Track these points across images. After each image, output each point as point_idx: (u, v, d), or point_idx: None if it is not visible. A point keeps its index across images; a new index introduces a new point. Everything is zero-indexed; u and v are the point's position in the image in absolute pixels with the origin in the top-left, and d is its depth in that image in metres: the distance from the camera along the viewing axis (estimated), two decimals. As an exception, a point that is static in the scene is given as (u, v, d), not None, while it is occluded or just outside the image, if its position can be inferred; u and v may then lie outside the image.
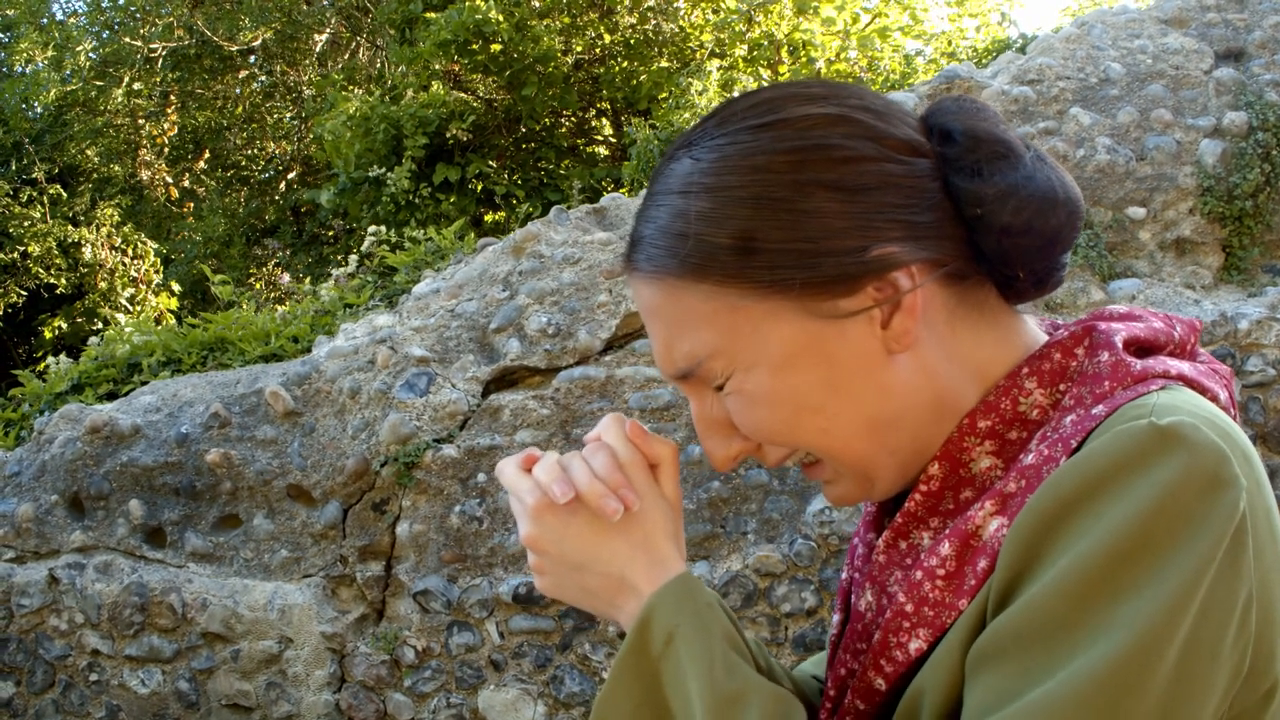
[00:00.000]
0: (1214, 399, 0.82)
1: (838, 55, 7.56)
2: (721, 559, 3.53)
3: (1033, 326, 0.91)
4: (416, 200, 7.33)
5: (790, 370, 0.83)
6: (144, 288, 11.40)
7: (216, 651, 3.65)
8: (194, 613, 3.63)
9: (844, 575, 0.98)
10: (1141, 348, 0.86)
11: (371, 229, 4.98)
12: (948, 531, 0.81)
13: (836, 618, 0.97)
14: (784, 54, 7.67)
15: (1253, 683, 0.72)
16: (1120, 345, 0.83)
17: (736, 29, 7.94)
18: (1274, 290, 3.92)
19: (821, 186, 0.80)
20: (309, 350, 4.26)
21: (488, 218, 8.05)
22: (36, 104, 11.74)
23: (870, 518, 0.98)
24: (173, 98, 11.94)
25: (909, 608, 0.81)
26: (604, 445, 0.92)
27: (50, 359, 5.04)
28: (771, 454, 0.90)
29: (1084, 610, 0.69)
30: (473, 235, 4.99)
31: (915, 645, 0.81)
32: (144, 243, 11.48)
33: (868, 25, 7.79)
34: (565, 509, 0.89)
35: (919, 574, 0.81)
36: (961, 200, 0.83)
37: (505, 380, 3.72)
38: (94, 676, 3.71)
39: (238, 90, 12.11)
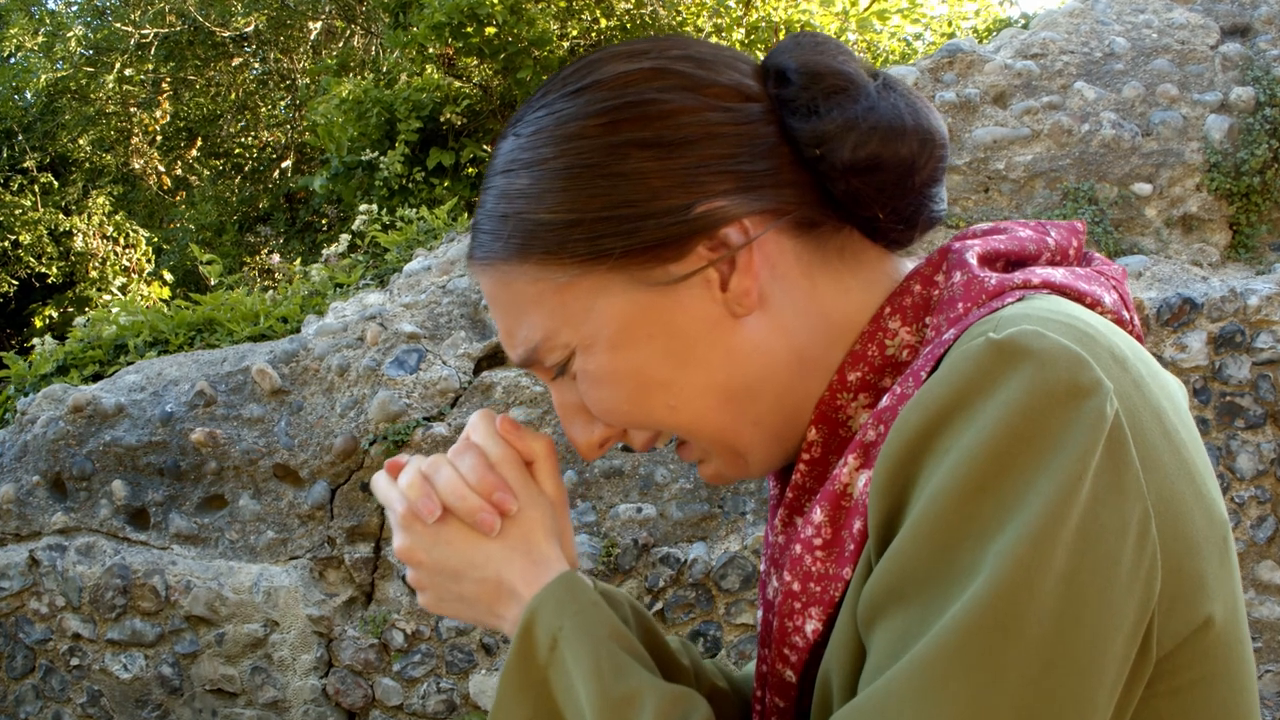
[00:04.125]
0: (1094, 304, 0.74)
1: (837, 37, 7.48)
2: (719, 540, 3.45)
3: (905, 265, 0.84)
4: (410, 185, 7.23)
5: (627, 346, 0.77)
6: (136, 277, 11.31)
7: (200, 635, 3.56)
8: (177, 595, 3.54)
9: (763, 566, 0.90)
10: (1010, 262, 0.79)
11: (363, 207, 4.89)
12: (818, 496, 0.75)
13: (759, 613, 0.90)
14: (782, 37, 7.59)
15: (1181, 615, 0.64)
16: (975, 262, 0.76)
17: (734, 14, 7.85)
18: (1283, 267, 3.84)
19: (636, 146, 0.74)
20: (299, 331, 4.17)
21: (482, 203, 7.95)
22: (28, 92, 11.64)
23: (774, 499, 0.91)
24: (165, 85, 11.84)
25: (796, 586, 0.75)
26: (473, 445, 0.86)
27: (36, 340, 4.95)
28: (636, 437, 0.84)
29: (947, 555, 0.62)
30: (466, 216, 4.91)
31: (811, 627, 0.74)
32: (136, 231, 11.40)
33: (867, 8, 7.70)
34: None
35: (798, 548, 0.75)
36: (800, 142, 0.76)
37: (498, 357, 3.63)
38: (75, 661, 3.62)
39: (231, 78, 12.01)
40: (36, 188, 11.25)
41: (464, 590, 0.84)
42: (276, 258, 7.95)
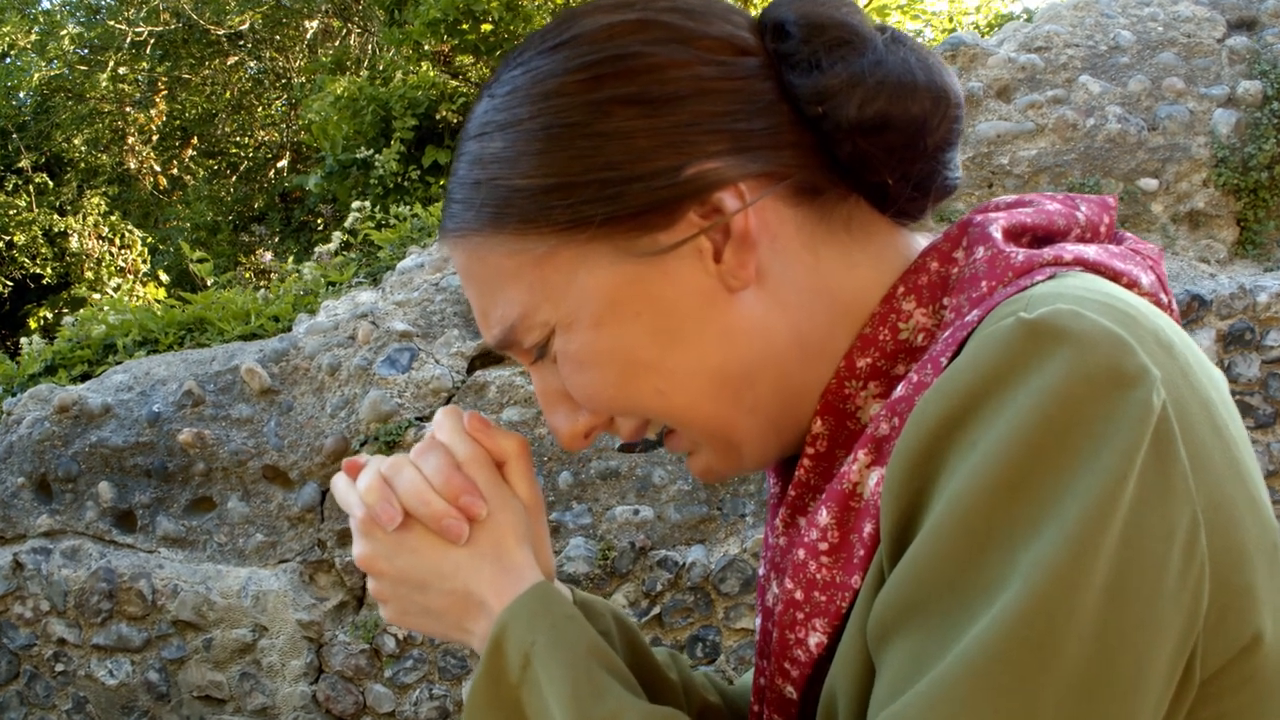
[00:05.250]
0: (1131, 284, 0.67)
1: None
2: (718, 542, 3.38)
3: (919, 239, 0.76)
4: (406, 183, 7.16)
5: (611, 323, 0.71)
6: (131, 277, 11.24)
7: (188, 640, 3.49)
8: (164, 600, 3.46)
9: (760, 570, 0.82)
10: (1036, 237, 0.72)
11: (356, 204, 4.82)
12: (824, 495, 0.68)
13: (757, 620, 0.82)
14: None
15: (1228, 631, 0.57)
16: (999, 236, 0.69)
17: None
18: (1292, 264, 3.77)
19: (620, 103, 0.68)
20: (290, 331, 4.10)
21: (478, 202, 7.87)
22: (21, 91, 11.58)
23: (774, 499, 0.83)
24: (160, 84, 11.78)
25: (798, 595, 0.68)
26: (438, 445, 0.79)
27: (24, 340, 4.88)
28: (623, 425, 0.77)
29: (973, 563, 0.55)
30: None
31: (815, 640, 0.67)
32: (131, 232, 11.33)
33: (867, 4, 7.64)
34: None
35: (801, 553, 0.69)
36: (800, 99, 0.70)
37: (492, 356, 3.56)
38: (60, 667, 3.55)
39: (226, 77, 11.94)
40: (31, 188, 11.18)
41: (429, 602, 0.77)
42: (268, 256, 7.88)
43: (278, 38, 11.34)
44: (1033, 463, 0.54)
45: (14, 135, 11.20)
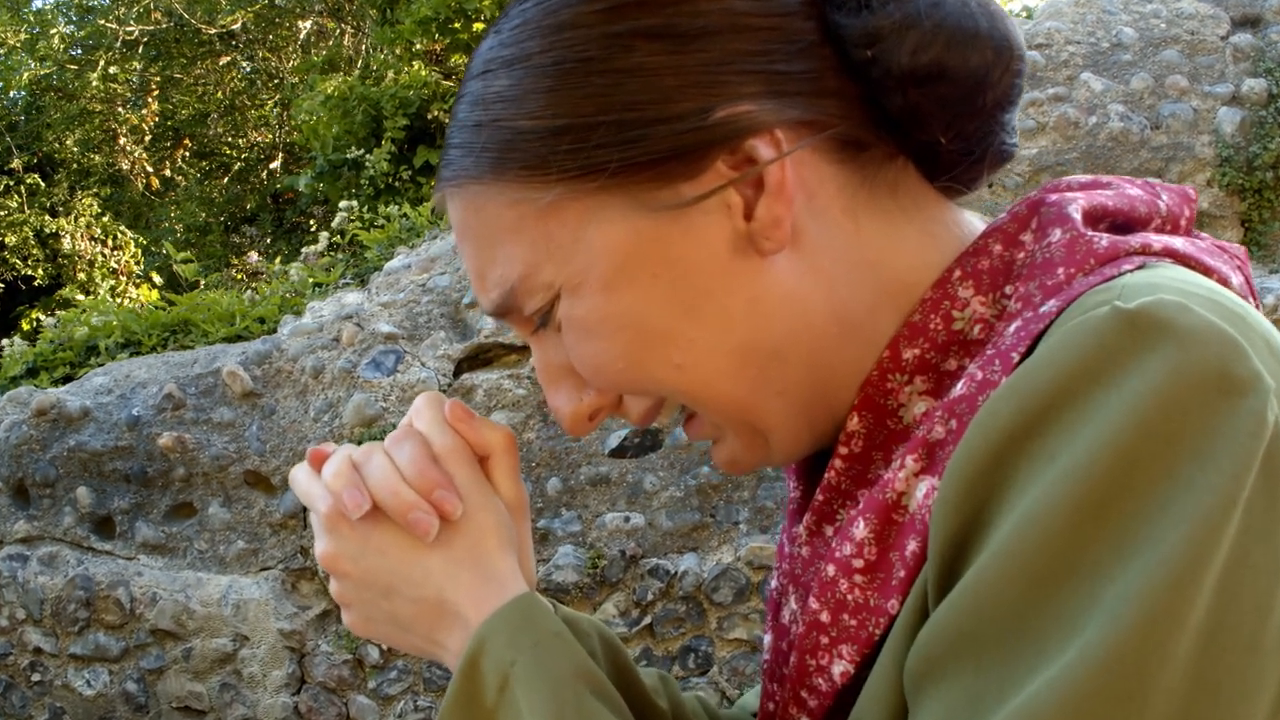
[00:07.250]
0: (1222, 282, 0.58)
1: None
2: (711, 550, 3.30)
3: (972, 217, 0.68)
4: (397, 184, 7.09)
5: (624, 286, 0.62)
6: (124, 279, 11.16)
7: (167, 650, 3.40)
8: (143, 608, 3.38)
9: (773, 582, 0.74)
10: (1115, 224, 0.63)
11: (343, 204, 4.74)
12: (861, 505, 0.60)
13: (767, 638, 0.74)
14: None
15: None
16: (1078, 218, 0.60)
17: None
18: (1298, 265, 3.70)
19: (644, 36, 0.60)
20: (275, 333, 4.02)
21: (471, 203, 7.82)
22: (12, 90, 11.51)
23: (795, 503, 0.74)
24: (152, 84, 11.71)
25: (824, 616, 0.61)
26: (414, 433, 0.71)
27: (5, 341, 4.80)
28: (633, 406, 0.68)
29: (1047, 595, 0.47)
30: (451, 213, 4.75)
31: (840, 669, 0.60)
32: (123, 233, 11.25)
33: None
34: (366, 517, 0.68)
35: (831, 569, 0.61)
36: (847, 41, 0.62)
37: (479, 358, 3.48)
38: (36, 677, 3.46)
39: (218, 77, 11.88)
40: (23, 188, 11.10)
41: (396, 610, 0.69)
42: (255, 256, 7.82)
43: (270, 38, 11.27)
44: (1124, 479, 0.46)
45: (5, 135, 11.12)
